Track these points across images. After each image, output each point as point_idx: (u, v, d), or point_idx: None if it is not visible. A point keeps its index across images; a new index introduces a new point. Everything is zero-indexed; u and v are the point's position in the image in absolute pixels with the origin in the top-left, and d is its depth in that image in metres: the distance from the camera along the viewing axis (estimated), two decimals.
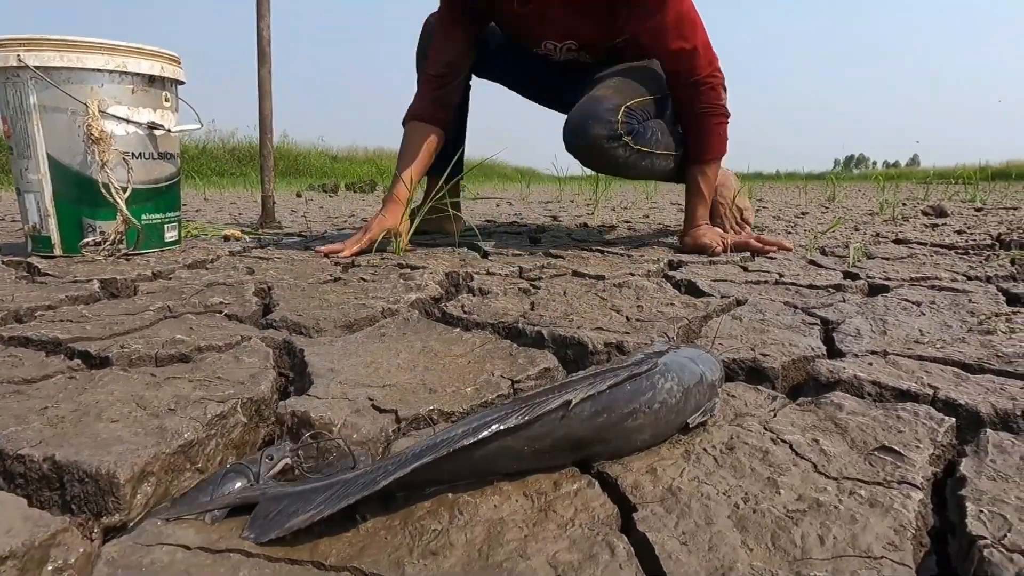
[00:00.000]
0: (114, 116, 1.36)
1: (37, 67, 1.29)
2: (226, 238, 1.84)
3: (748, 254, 1.52)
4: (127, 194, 1.38)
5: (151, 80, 1.42)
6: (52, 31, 1.33)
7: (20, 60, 1.28)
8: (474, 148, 1.77)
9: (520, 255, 1.51)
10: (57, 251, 1.40)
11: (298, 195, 5.33)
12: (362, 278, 1.17)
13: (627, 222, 2.49)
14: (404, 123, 1.66)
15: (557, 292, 1.05)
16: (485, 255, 1.52)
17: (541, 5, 1.55)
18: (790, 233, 2.00)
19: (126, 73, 1.37)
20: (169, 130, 1.47)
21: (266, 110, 2.19)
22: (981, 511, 0.40)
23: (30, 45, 1.29)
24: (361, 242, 1.47)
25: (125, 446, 0.46)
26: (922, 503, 0.42)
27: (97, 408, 0.54)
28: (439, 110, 1.65)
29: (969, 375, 0.64)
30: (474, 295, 1.06)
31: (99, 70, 1.33)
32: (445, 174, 1.73)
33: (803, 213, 2.99)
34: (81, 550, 0.37)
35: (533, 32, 1.66)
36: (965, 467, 0.46)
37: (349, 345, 0.76)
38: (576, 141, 1.53)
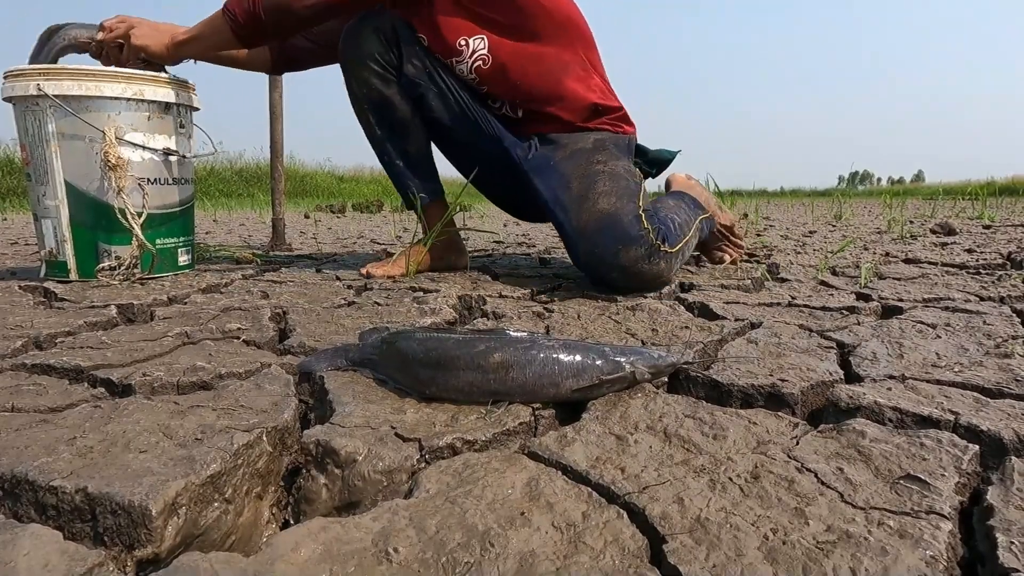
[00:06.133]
0: (131, 143, 1.38)
1: (56, 96, 1.31)
2: (238, 261, 1.85)
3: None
4: (142, 219, 1.39)
5: (166, 107, 1.44)
6: (67, 60, 1.35)
7: (39, 89, 1.30)
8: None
9: (531, 277, 1.52)
10: (73, 276, 1.41)
11: (306, 216, 5.36)
12: (376, 302, 1.18)
13: None
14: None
15: (571, 315, 1.05)
16: (496, 277, 1.53)
17: None
18: (799, 253, 2.00)
19: (143, 101, 1.39)
20: (184, 156, 1.49)
21: (277, 134, 2.22)
22: (1012, 542, 0.40)
23: (49, 74, 1.32)
24: None
25: (156, 477, 0.46)
26: (951, 534, 0.42)
27: (124, 438, 0.54)
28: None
29: (989, 400, 0.64)
30: (488, 319, 1.07)
31: (116, 98, 1.36)
32: (456, 202, 1.56)
33: (811, 232, 2.99)
34: None
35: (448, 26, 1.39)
36: (992, 496, 0.46)
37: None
38: (609, 272, 1.25)
